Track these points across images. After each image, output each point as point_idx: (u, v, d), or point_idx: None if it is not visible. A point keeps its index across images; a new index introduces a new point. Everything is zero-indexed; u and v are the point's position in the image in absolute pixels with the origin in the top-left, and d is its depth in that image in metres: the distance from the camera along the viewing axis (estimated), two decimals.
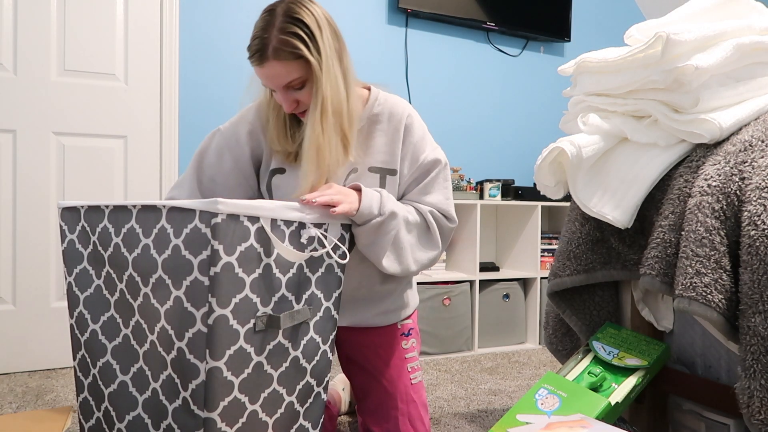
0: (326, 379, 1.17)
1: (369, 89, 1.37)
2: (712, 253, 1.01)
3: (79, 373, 1.13)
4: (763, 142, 1.05)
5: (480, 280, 2.56)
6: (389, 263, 1.23)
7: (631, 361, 1.18)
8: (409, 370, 1.39)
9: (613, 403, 1.10)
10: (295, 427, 1.10)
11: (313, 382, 1.14)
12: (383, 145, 1.31)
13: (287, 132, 1.29)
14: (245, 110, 1.38)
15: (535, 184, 2.21)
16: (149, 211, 1.00)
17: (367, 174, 1.30)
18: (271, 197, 1.33)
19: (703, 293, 1.00)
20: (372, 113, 1.32)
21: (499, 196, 2.65)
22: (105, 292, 1.08)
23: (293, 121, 1.29)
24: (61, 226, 1.14)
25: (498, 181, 2.66)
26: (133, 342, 1.04)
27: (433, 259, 1.31)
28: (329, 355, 1.17)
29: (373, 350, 1.37)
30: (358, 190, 1.20)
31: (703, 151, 1.14)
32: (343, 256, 1.18)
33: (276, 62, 1.14)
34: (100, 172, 2.18)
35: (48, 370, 2.11)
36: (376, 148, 1.31)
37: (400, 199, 1.33)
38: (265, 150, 1.35)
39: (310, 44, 1.16)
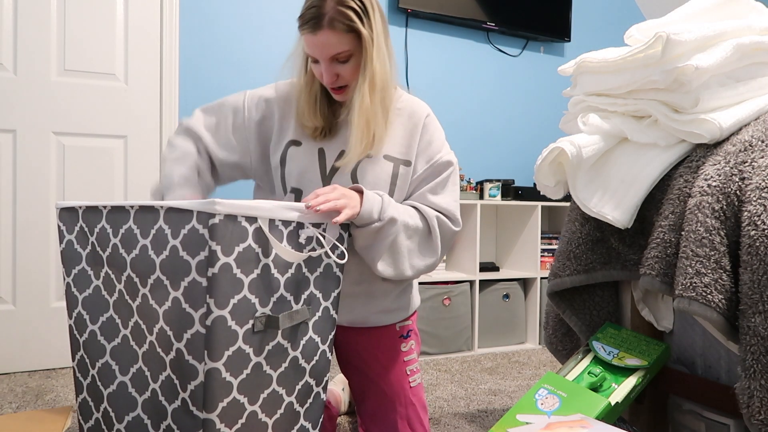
0: (325, 378, 1.17)
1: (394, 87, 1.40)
2: (712, 253, 1.01)
3: (78, 374, 1.13)
4: (763, 142, 1.05)
5: (480, 280, 2.56)
6: (384, 267, 1.25)
7: (631, 361, 1.18)
8: (408, 373, 1.38)
9: (613, 403, 1.10)
10: (295, 427, 1.10)
11: (313, 382, 1.14)
12: (401, 137, 1.34)
13: (317, 109, 1.31)
14: (279, 83, 1.40)
15: (535, 184, 2.21)
16: (147, 212, 1.00)
17: (382, 161, 1.31)
18: (283, 170, 1.32)
19: (703, 293, 1.00)
20: (395, 107, 1.36)
21: (499, 196, 2.65)
22: (104, 292, 1.08)
23: (324, 99, 1.32)
24: (59, 227, 1.13)
25: (498, 181, 2.66)
26: (132, 343, 1.04)
27: (431, 265, 1.31)
28: (328, 355, 1.17)
29: (371, 353, 1.36)
30: (360, 192, 1.20)
31: (703, 151, 1.14)
32: (341, 256, 1.18)
33: (330, 32, 1.18)
34: (100, 172, 2.18)
35: (48, 370, 2.11)
36: (395, 140, 1.33)
37: (409, 196, 1.35)
38: (278, 122, 1.34)
39: (363, 19, 1.21)
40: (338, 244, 1.17)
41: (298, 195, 1.31)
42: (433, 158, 1.34)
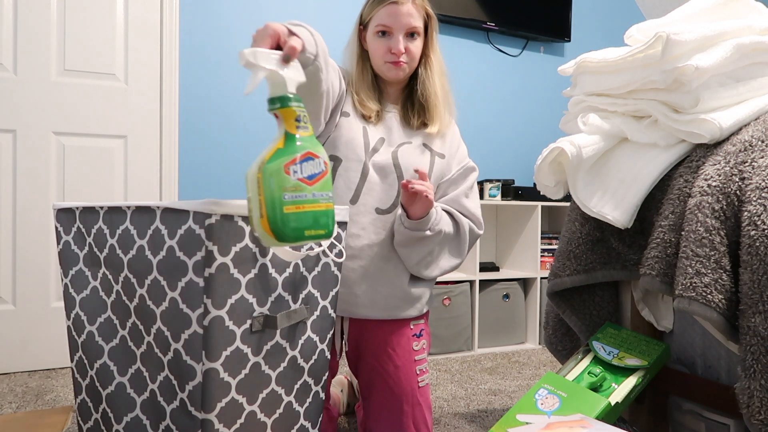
0: (324, 378, 1.17)
1: None
2: (712, 253, 1.01)
3: (76, 375, 1.13)
4: (763, 142, 1.05)
5: (480, 280, 2.55)
6: (415, 267, 1.36)
7: (631, 361, 1.18)
8: (418, 372, 1.38)
9: (613, 403, 1.09)
10: (294, 427, 1.10)
11: (311, 382, 1.13)
12: (436, 133, 1.44)
13: (373, 94, 1.41)
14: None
15: (535, 184, 2.20)
16: (143, 212, 0.99)
17: (422, 148, 1.41)
18: (330, 132, 1.38)
19: (703, 293, 0.99)
20: None
21: (499, 196, 2.64)
22: (101, 293, 1.08)
23: (376, 86, 1.43)
24: (56, 228, 1.13)
25: (498, 181, 2.65)
26: (130, 343, 1.04)
27: (455, 266, 1.42)
28: (327, 354, 1.17)
29: (383, 349, 1.36)
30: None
31: (703, 151, 1.14)
32: (339, 254, 1.18)
33: (413, 5, 1.34)
34: (100, 172, 2.18)
35: (48, 370, 2.11)
36: (432, 135, 1.43)
37: (442, 195, 1.43)
38: (338, 91, 1.38)
39: (430, 6, 1.40)
40: (336, 243, 1.17)
41: (337, 162, 1.36)
42: (462, 162, 1.46)
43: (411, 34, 1.36)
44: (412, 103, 1.44)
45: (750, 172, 1.02)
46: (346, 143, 1.36)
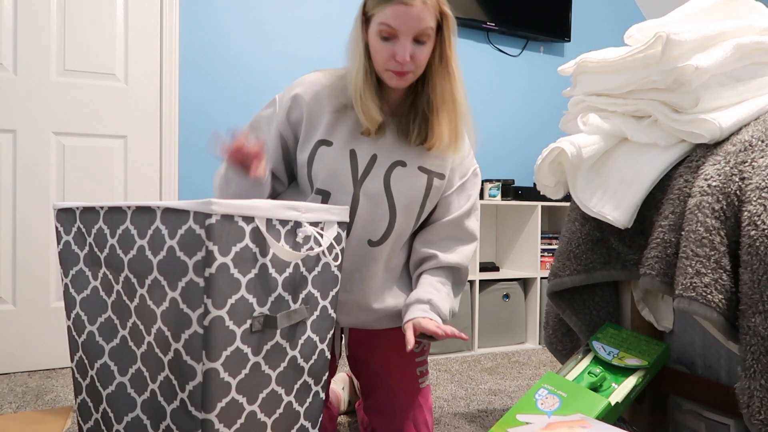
0: (324, 378, 1.17)
1: None
2: (712, 253, 1.01)
3: (77, 375, 1.13)
4: (763, 142, 1.05)
5: (480, 280, 2.55)
6: None
7: (631, 361, 1.18)
8: (418, 374, 1.37)
9: (613, 403, 1.09)
10: (294, 427, 1.10)
11: (311, 381, 1.13)
12: (436, 151, 1.30)
13: (377, 104, 1.24)
14: (305, 78, 1.32)
15: (535, 184, 2.20)
16: (144, 212, 0.99)
17: (417, 172, 1.29)
18: (309, 169, 1.27)
19: (703, 293, 0.99)
20: None
21: (499, 196, 2.64)
22: (102, 293, 1.08)
23: (379, 94, 1.26)
24: (57, 228, 1.13)
25: (498, 181, 2.65)
26: (130, 343, 1.04)
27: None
28: (327, 354, 1.17)
29: (382, 352, 1.36)
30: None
31: (703, 151, 1.14)
32: (339, 255, 1.18)
33: (423, 6, 1.17)
34: (100, 172, 2.18)
35: (48, 370, 2.11)
36: (431, 153, 1.30)
37: (440, 210, 1.35)
38: (306, 119, 1.28)
39: (446, 3, 1.24)
40: (336, 244, 1.17)
41: (325, 197, 1.25)
42: (467, 173, 1.37)
43: (420, 39, 1.19)
44: (415, 112, 1.28)
45: (750, 172, 1.02)
46: (332, 176, 1.24)
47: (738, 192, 1.02)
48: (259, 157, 1.15)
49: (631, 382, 1.15)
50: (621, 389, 1.13)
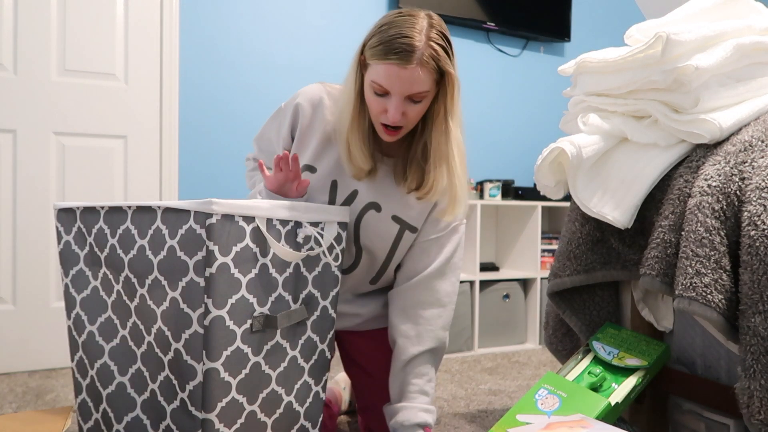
0: (324, 378, 1.17)
1: None
2: (712, 253, 1.01)
3: (77, 375, 1.13)
4: (763, 142, 1.05)
5: (480, 280, 2.55)
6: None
7: (631, 361, 1.18)
8: None
9: (613, 403, 1.09)
10: (294, 427, 1.10)
11: (311, 381, 1.14)
12: (417, 203, 1.27)
13: (367, 150, 1.21)
14: (307, 89, 1.29)
15: (535, 184, 2.20)
16: (144, 212, 0.99)
17: (389, 220, 1.26)
18: None
19: (703, 293, 0.99)
20: None
21: (499, 196, 2.64)
22: (102, 293, 1.08)
23: (372, 139, 1.23)
24: (57, 228, 1.13)
25: (498, 181, 2.65)
26: (130, 343, 1.04)
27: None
28: (327, 354, 1.17)
29: (375, 353, 1.36)
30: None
31: (703, 151, 1.14)
32: (339, 255, 1.18)
33: (419, 68, 1.09)
34: (100, 172, 2.18)
35: (48, 370, 2.11)
36: (410, 203, 1.27)
37: (411, 264, 1.30)
38: (299, 136, 1.27)
39: (451, 58, 1.15)
40: (336, 244, 1.17)
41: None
42: (446, 228, 1.29)
43: (414, 99, 1.13)
44: (412, 158, 1.24)
45: (750, 172, 1.02)
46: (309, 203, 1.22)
47: (738, 192, 1.02)
48: (297, 177, 1.17)
49: (631, 382, 1.15)
50: (621, 389, 1.13)
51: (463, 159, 1.21)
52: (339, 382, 1.68)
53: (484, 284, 2.58)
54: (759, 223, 0.95)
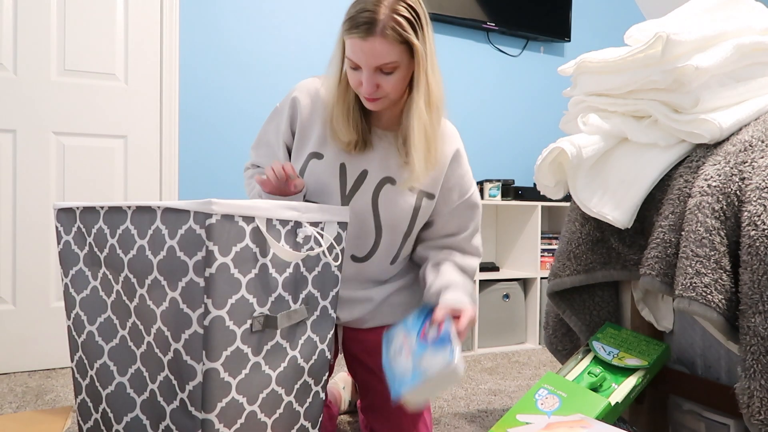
0: (324, 378, 1.17)
1: None
2: (712, 253, 1.01)
3: (76, 375, 1.13)
4: (763, 142, 1.05)
5: (480, 280, 2.55)
6: None
7: (631, 361, 1.18)
8: None
9: (613, 403, 1.09)
10: (294, 427, 1.10)
11: (311, 381, 1.14)
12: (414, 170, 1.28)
13: (350, 121, 1.24)
14: (304, 82, 1.33)
15: (535, 184, 2.20)
16: (144, 212, 0.99)
17: (406, 192, 1.28)
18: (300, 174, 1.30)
19: (703, 293, 0.99)
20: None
21: (499, 196, 2.64)
22: (101, 293, 1.08)
23: (358, 110, 1.25)
24: (57, 228, 1.13)
25: (498, 181, 2.65)
26: (130, 343, 1.04)
27: None
28: (327, 354, 1.17)
29: (377, 350, 1.36)
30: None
31: (703, 151, 1.14)
32: (339, 255, 1.18)
33: (381, 40, 1.11)
34: (100, 172, 2.18)
35: (48, 370, 2.11)
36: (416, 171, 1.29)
37: (441, 229, 1.34)
38: (300, 127, 1.30)
39: (418, 31, 1.15)
40: (336, 244, 1.17)
41: None
42: (467, 193, 1.34)
43: (384, 70, 1.15)
44: (403, 130, 1.26)
45: (750, 172, 1.02)
46: (320, 190, 1.26)
47: (738, 192, 1.02)
48: (292, 178, 1.20)
49: (631, 382, 1.15)
50: (621, 389, 1.13)
51: (422, 130, 1.21)
52: (339, 382, 1.68)
53: (484, 284, 2.58)
54: (759, 223, 0.95)
